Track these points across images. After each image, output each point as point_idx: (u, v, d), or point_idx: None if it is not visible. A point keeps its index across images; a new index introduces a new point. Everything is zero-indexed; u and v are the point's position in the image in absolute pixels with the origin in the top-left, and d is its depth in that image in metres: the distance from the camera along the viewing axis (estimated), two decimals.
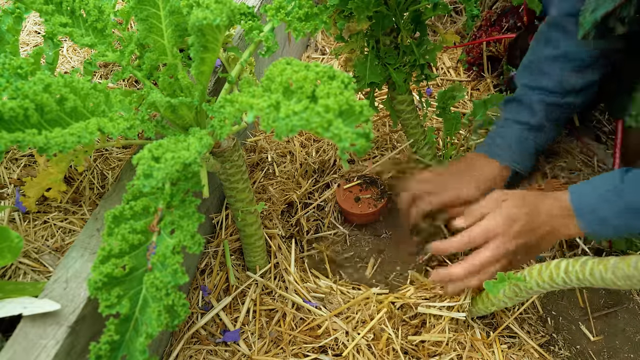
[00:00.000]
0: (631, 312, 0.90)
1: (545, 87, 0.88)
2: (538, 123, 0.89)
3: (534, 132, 0.90)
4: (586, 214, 0.73)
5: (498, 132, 0.93)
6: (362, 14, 0.75)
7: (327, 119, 0.37)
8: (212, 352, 0.79)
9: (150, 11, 0.63)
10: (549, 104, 0.88)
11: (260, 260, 0.86)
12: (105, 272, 0.47)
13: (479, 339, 0.81)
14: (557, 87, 0.87)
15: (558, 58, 0.87)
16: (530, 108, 0.89)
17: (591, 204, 0.73)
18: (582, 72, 0.86)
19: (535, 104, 0.89)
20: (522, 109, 0.91)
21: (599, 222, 0.72)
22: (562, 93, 0.88)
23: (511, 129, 0.91)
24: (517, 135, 0.90)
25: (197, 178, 0.55)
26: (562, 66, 0.87)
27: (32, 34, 1.11)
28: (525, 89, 0.91)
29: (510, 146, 0.89)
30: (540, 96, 0.89)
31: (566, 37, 0.86)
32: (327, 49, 1.51)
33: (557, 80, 0.87)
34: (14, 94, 0.45)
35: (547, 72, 0.88)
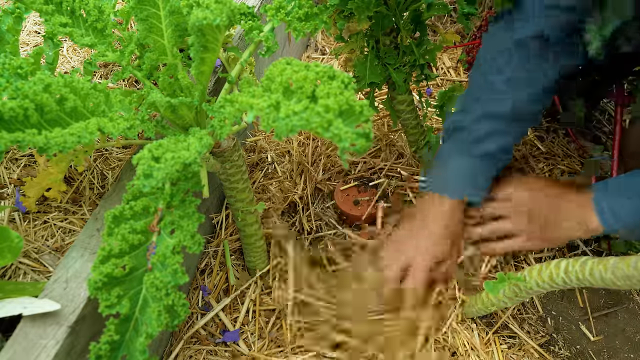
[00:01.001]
0: (631, 312, 0.90)
1: (501, 115, 0.79)
2: (490, 152, 0.80)
3: (486, 162, 0.82)
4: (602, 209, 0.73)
5: (445, 165, 0.84)
6: (363, 14, 0.75)
7: (327, 119, 0.37)
8: (212, 352, 0.79)
9: (150, 11, 0.63)
10: (503, 132, 0.80)
11: (260, 260, 0.86)
12: (105, 272, 0.47)
13: (479, 339, 0.81)
14: (514, 113, 0.79)
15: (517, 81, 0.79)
16: (479, 139, 0.80)
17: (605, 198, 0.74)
18: (538, 98, 0.80)
19: (484, 134, 0.80)
20: (471, 138, 0.81)
21: (615, 220, 0.72)
22: (516, 119, 0.80)
23: (461, 162, 0.82)
24: (468, 167, 0.82)
25: (197, 178, 0.55)
26: (521, 91, 0.79)
27: (32, 34, 1.11)
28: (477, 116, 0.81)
29: (462, 180, 0.81)
30: (492, 125, 0.80)
31: (530, 61, 0.78)
32: (327, 49, 1.51)
33: (512, 107, 0.78)
34: (14, 94, 0.45)
35: (505, 95, 0.79)
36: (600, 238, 0.95)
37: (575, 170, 1.09)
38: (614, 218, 0.73)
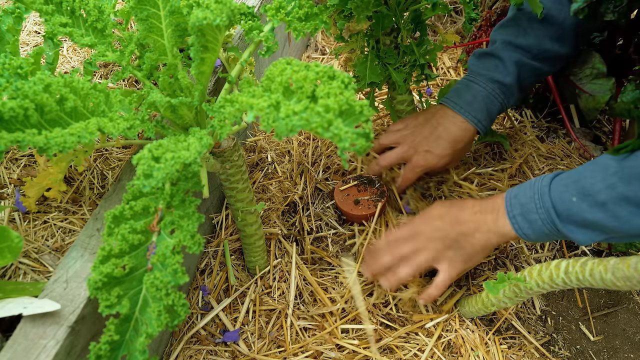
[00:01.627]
0: (631, 312, 0.90)
1: (524, 47, 0.85)
2: (510, 83, 0.86)
3: (504, 93, 0.87)
4: (513, 204, 0.71)
5: (467, 86, 0.89)
6: (362, 14, 0.75)
7: (327, 119, 0.37)
8: (212, 352, 0.79)
9: (150, 11, 0.63)
10: (524, 64, 0.86)
11: (260, 260, 0.86)
12: (105, 272, 0.47)
13: (479, 339, 0.81)
14: (535, 49, 0.85)
15: (542, 20, 0.84)
16: (505, 66, 0.86)
17: (516, 194, 0.72)
18: (559, 40, 0.84)
19: (513, 63, 0.86)
20: (497, 66, 0.87)
21: (521, 212, 0.70)
22: (538, 57, 0.85)
23: (482, 86, 0.87)
24: (486, 93, 0.87)
25: (197, 178, 0.55)
26: (544, 29, 0.84)
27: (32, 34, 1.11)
28: (504, 44, 0.87)
29: (477, 103, 0.86)
30: (517, 55, 0.86)
31: (553, 2, 0.83)
32: (327, 49, 1.51)
33: (536, 43, 0.84)
34: (14, 94, 0.45)
35: (529, 31, 0.85)
36: None
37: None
38: (526, 221, 0.69)
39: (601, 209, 0.61)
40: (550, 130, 1.18)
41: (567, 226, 0.65)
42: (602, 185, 0.61)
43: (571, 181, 0.66)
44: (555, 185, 0.67)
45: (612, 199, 0.60)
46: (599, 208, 0.61)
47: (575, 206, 0.64)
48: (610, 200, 0.60)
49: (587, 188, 0.63)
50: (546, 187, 0.68)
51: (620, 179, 0.60)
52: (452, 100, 0.89)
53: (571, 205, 0.64)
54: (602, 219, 0.61)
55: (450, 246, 0.77)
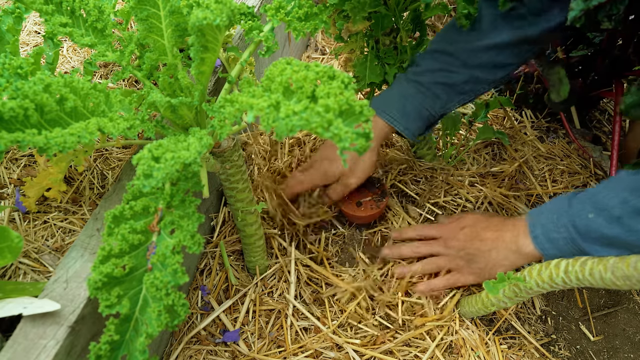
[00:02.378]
0: (631, 312, 0.90)
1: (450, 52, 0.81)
2: (426, 82, 0.83)
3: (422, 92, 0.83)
4: (534, 224, 0.73)
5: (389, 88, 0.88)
6: (358, 15, 0.75)
7: (327, 119, 0.37)
8: (212, 352, 0.79)
9: (150, 11, 0.63)
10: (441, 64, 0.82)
11: (261, 260, 0.86)
12: (105, 272, 0.47)
13: (479, 339, 0.81)
14: (463, 54, 0.81)
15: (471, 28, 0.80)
16: (423, 68, 0.83)
17: (538, 214, 0.73)
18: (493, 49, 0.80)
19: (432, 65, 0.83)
20: (414, 68, 0.85)
21: (543, 232, 0.71)
22: (469, 64, 0.81)
23: (397, 84, 0.86)
24: (398, 89, 0.85)
25: (197, 178, 0.55)
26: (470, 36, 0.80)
27: (32, 34, 1.11)
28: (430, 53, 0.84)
29: (388, 100, 0.85)
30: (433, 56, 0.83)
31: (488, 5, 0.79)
32: (327, 49, 1.51)
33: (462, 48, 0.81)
34: (14, 94, 0.45)
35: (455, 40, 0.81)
36: None
37: (576, 170, 1.09)
38: (548, 241, 0.71)
39: (617, 223, 0.61)
40: (550, 130, 1.18)
41: (588, 244, 0.66)
42: (617, 200, 0.62)
43: (587, 198, 0.67)
44: (574, 203, 0.68)
45: (626, 213, 0.61)
46: (615, 223, 0.62)
47: (592, 222, 0.64)
48: (625, 215, 0.61)
49: (602, 203, 0.64)
50: (565, 205, 0.69)
51: (632, 192, 0.60)
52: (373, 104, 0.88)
53: (589, 222, 0.65)
54: (619, 234, 0.61)
55: (464, 258, 0.81)
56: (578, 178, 1.06)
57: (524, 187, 1.05)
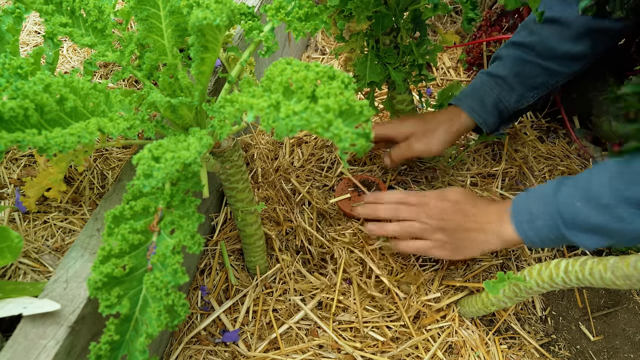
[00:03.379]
0: (631, 312, 0.90)
1: (527, 44, 0.87)
2: (504, 76, 0.88)
3: (499, 85, 0.88)
4: (520, 211, 0.72)
5: (469, 85, 0.93)
6: (362, 14, 0.75)
7: (327, 119, 0.37)
8: (212, 353, 0.79)
9: (150, 11, 0.63)
10: (524, 61, 0.87)
11: (260, 261, 0.86)
12: (105, 272, 0.47)
13: (479, 339, 0.81)
14: (539, 46, 0.86)
15: (549, 20, 0.85)
16: (502, 62, 0.89)
17: (522, 201, 0.73)
18: (569, 39, 0.84)
19: (510, 58, 0.88)
20: (496, 63, 0.91)
21: (528, 219, 0.71)
22: (544, 55, 0.86)
23: (478, 79, 0.91)
24: (480, 83, 0.90)
25: (197, 178, 0.55)
26: (550, 29, 0.85)
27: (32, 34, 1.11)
28: (507, 45, 0.90)
29: (470, 92, 0.90)
30: (517, 52, 0.87)
31: (561, 2, 0.84)
32: (327, 49, 1.51)
33: (539, 41, 0.86)
34: (14, 94, 0.45)
35: (534, 31, 0.87)
36: None
37: (576, 171, 1.09)
38: (531, 228, 0.70)
39: (604, 211, 0.62)
40: (550, 130, 1.18)
41: (572, 232, 0.66)
42: (605, 189, 0.62)
43: (574, 186, 0.67)
44: (560, 192, 0.68)
45: (614, 201, 0.61)
46: (602, 210, 0.62)
47: (580, 211, 0.64)
48: (612, 203, 0.61)
49: (590, 191, 0.63)
50: (551, 193, 0.69)
51: (621, 180, 0.60)
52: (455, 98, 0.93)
53: (576, 210, 0.65)
54: (606, 222, 0.62)
55: (444, 230, 0.79)
56: None
57: (524, 188, 1.05)
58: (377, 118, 1.18)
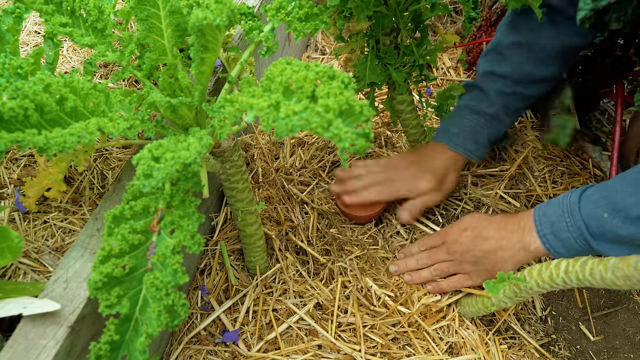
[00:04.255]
0: (631, 312, 0.90)
1: (505, 75, 0.87)
2: (494, 113, 0.88)
3: (489, 122, 0.89)
4: (542, 223, 0.72)
5: (453, 120, 0.92)
6: (362, 13, 0.75)
7: (327, 119, 0.37)
8: (212, 353, 0.79)
9: (150, 11, 0.63)
10: (507, 94, 0.87)
11: (260, 261, 0.86)
12: (105, 272, 0.47)
13: (479, 339, 0.81)
14: (516, 75, 0.86)
15: (521, 45, 0.85)
16: (488, 97, 0.88)
17: (545, 212, 0.73)
18: (542, 63, 0.85)
19: (494, 93, 0.88)
20: (480, 98, 0.90)
21: (551, 231, 0.71)
22: (523, 82, 0.86)
23: (466, 118, 0.90)
24: (472, 124, 0.89)
25: (197, 178, 0.55)
26: (523, 55, 0.85)
27: (32, 34, 1.11)
28: (486, 75, 0.90)
29: (464, 135, 0.89)
30: (498, 85, 0.87)
31: (531, 26, 0.84)
32: (327, 49, 1.51)
33: (516, 69, 0.86)
34: (14, 94, 0.45)
35: (508, 58, 0.86)
36: None
37: (576, 171, 1.09)
38: (557, 239, 0.70)
39: (633, 223, 0.61)
40: None
41: (600, 243, 0.65)
42: (633, 200, 0.61)
43: (601, 197, 0.65)
44: (584, 202, 0.67)
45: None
46: (631, 223, 0.61)
47: (607, 223, 0.63)
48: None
49: (618, 203, 0.62)
50: (575, 204, 0.68)
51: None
52: (440, 136, 0.93)
53: (603, 222, 0.64)
54: (635, 234, 0.61)
55: (469, 261, 0.81)
56: (578, 179, 1.06)
57: (524, 188, 1.05)
58: (377, 118, 1.18)
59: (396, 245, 0.94)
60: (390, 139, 1.13)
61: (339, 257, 0.92)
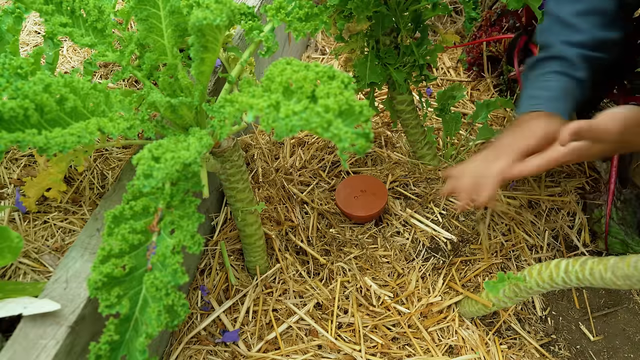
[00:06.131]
0: (631, 312, 0.90)
1: (580, 42, 0.87)
2: (581, 77, 0.87)
3: (579, 86, 0.88)
4: None
5: (541, 87, 0.89)
6: (362, 14, 0.75)
7: (327, 119, 0.37)
8: (212, 352, 0.79)
9: (150, 11, 0.63)
10: (587, 58, 0.87)
11: (260, 261, 0.86)
12: (105, 272, 0.47)
13: (479, 339, 0.81)
14: (591, 41, 0.87)
15: (586, 12, 0.86)
16: (572, 63, 0.87)
17: None
18: (609, 26, 0.86)
19: (576, 58, 0.87)
20: (564, 64, 0.88)
21: None
22: (595, 47, 0.87)
23: (557, 82, 0.88)
24: (564, 86, 0.87)
25: (197, 178, 0.55)
26: (591, 20, 0.86)
27: (32, 34, 1.10)
28: (561, 45, 0.89)
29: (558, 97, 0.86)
30: (579, 51, 0.87)
31: None
32: (327, 49, 1.51)
33: (589, 35, 0.86)
34: (14, 94, 0.45)
35: (579, 27, 0.87)
36: (598, 237, 0.95)
37: (573, 172, 1.09)
38: None
39: None
40: None
41: None
42: None
43: None
44: None
45: None
46: None
47: None
48: None
49: None
50: None
51: None
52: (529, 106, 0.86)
53: None
54: None
55: None
56: (577, 180, 1.06)
57: (523, 188, 1.05)
58: (377, 118, 1.18)
59: (396, 245, 0.94)
60: (390, 139, 1.13)
61: (338, 257, 0.92)
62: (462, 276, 0.90)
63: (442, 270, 0.90)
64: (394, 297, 0.86)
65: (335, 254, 0.92)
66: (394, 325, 0.83)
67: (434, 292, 0.87)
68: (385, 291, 0.86)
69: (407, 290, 0.87)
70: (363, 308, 0.85)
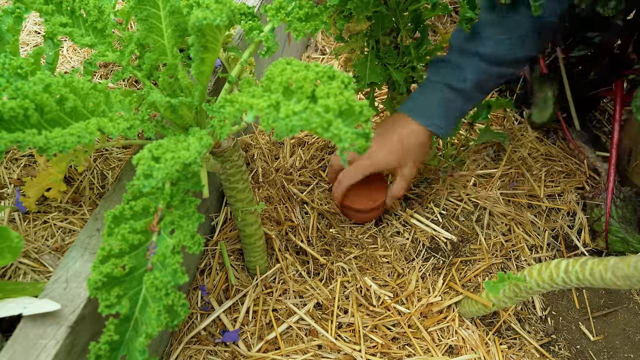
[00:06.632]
0: (631, 312, 0.90)
1: (483, 54, 0.83)
2: (467, 89, 0.85)
3: (461, 98, 0.86)
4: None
5: (422, 92, 0.89)
6: (362, 14, 0.75)
7: (327, 119, 0.37)
8: (212, 353, 0.79)
9: (150, 11, 0.63)
10: (483, 72, 0.84)
11: (260, 261, 0.86)
12: (105, 272, 0.47)
13: (479, 339, 0.81)
14: (493, 56, 0.83)
15: (498, 25, 0.82)
16: (462, 73, 0.85)
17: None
18: (519, 43, 0.82)
19: (469, 69, 0.84)
20: (454, 73, 0.86)
21: None
22: (497, 63, 0.84)
23: (439, 92, 0.86)
24: (443, 98, 0.86)
25: (197, 178, 0.55)
26: (501, 35, 0.82)
27: (32, 34, 1.10)
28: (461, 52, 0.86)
29: (434, 108, 0.86)
30: (475, 63, 0.84)
31: (509, 7, 0.81)
32: (327, 49, 1.51)
33: (494, 49, 0.83)
34: (14, 94, 0.45)
35: (486, 38, 0.83)
36: (598, 236, 0.95)
37: (573, 172, 1.09)
38: None
39: None
40: (550, 131, 1.18)
41: None
42: None
43: None
44: None
45: None
46: None
47: None
48: None
49: None
50: None
51: None
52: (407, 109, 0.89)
53: None
54: None
55: None
56: (575, 180, 1.07)
57: (523, 188, 1.05)
58: (377, 118, 1.18)
59: (396, 245, 0.94)
60: None
61: (338, 257, 0.92)
62: (462, 276, 0.90)
63: (442, 270, 0.90)
64: (394, 297, 0.86)
65: (335, 254, 0.92)
66: (394, 325, 0.83)
67: (434, 292, 0.87)
68: (385, 291, 0.86)
69: (407, 290, 0.87)
70: (363, 308, 0.85)
